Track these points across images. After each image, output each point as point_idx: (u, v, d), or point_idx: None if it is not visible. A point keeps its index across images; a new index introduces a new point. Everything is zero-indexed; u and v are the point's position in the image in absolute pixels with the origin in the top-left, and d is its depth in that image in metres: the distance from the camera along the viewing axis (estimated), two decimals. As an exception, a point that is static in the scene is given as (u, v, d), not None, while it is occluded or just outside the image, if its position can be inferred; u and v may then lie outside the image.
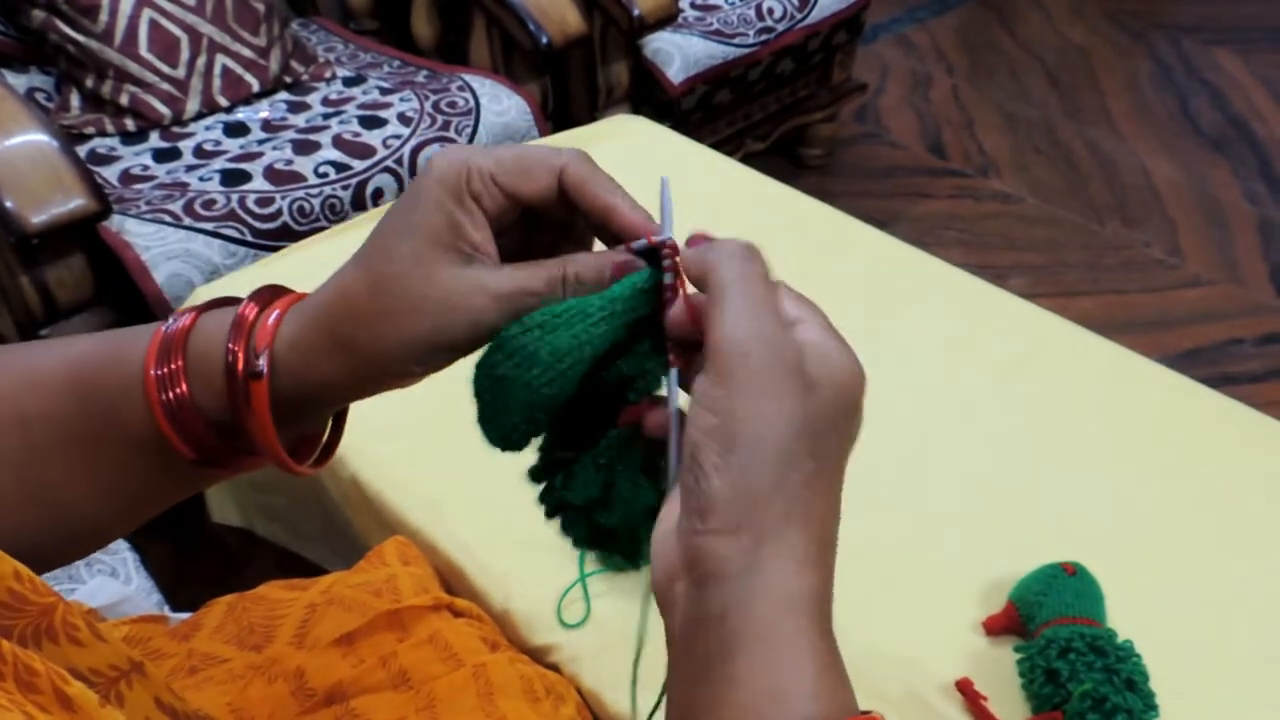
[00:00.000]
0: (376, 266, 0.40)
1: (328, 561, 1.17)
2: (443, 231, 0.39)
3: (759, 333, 0.34)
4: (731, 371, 0.34)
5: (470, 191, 0.39)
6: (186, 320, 0.42)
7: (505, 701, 0.69)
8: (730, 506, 0.34)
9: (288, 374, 0.41)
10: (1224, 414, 1.03)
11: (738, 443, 0.34)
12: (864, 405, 0.36)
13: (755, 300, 0.35)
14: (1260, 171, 2.53)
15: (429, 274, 0.39)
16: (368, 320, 0.39)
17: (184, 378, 0.40)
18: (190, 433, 0.41)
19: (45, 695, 0.31)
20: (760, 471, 0.34)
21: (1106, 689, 0.73)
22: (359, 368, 0.40)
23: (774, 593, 0.33)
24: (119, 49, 1.57)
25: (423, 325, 0.39)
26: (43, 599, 0.35)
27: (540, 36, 1.69)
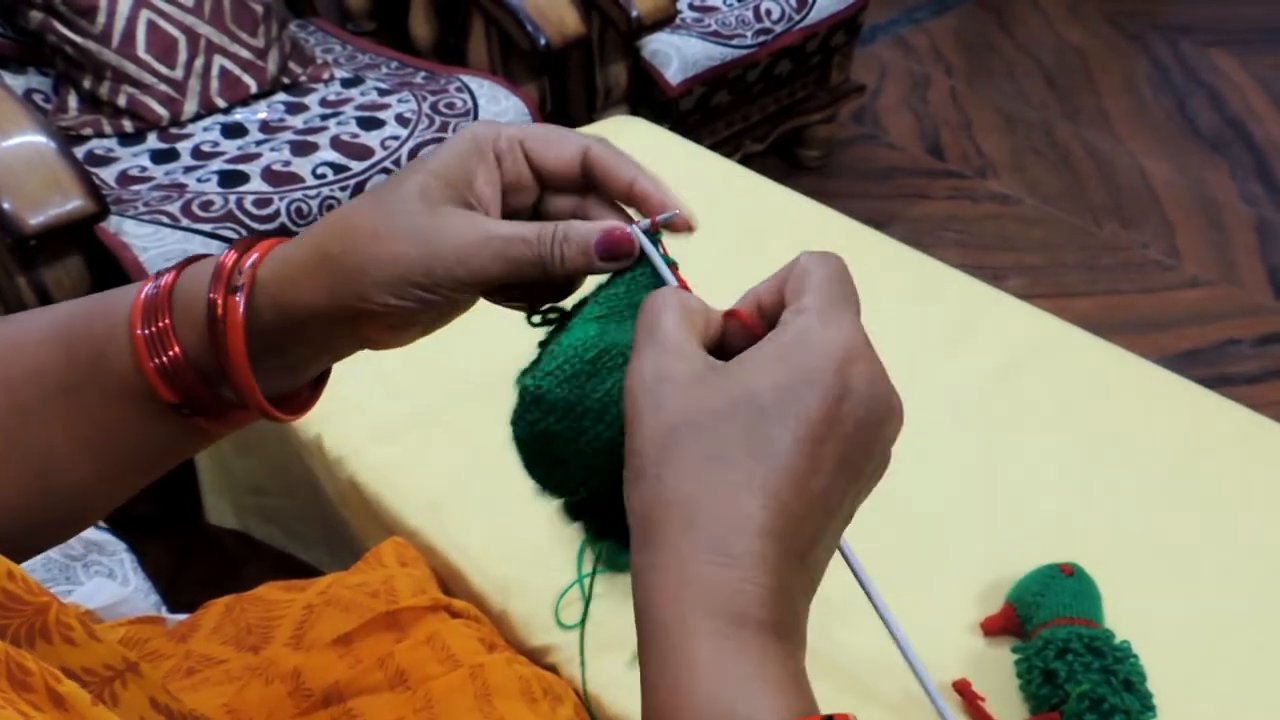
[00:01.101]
0: (382, 193, 0.40)
1: (325, 563, 1.17)
2: (455, 175, 0.40)
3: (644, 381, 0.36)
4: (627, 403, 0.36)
5: (495, 149, 0.41)
6: (169, 277, 0.42)
7: (503, 702, 0.69)
8: (632, 514, 0.35)
9: (267, 297, 0.40)
10: (1221, 415, 1.03)
11: (631, 448, 0.35)
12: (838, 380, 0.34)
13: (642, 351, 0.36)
14: (1258, 173, 2.53)
15: (429, 206, 0.39)
16: (356, 237, 0.39)
17: (174, 336, 0.40)
18: (175, 376, 0.41)
19: (38, 694, 0.31)
20: (643, 474, 0.34)
21: (1104, 689, 0.73)
22: (336, 287, 0.39)
23: (663, 594, 0.33)
24: (117, 50, 1.57)
25: (408, 248, 0.39)
26: (36, 598, 0.35)
27: (538, 37, 1.69)
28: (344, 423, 1.00)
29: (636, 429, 0.35)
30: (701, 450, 0.33)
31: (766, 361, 0.34)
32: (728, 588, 0.32)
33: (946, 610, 0.85)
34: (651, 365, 0.35)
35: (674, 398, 0.34)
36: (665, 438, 0.34)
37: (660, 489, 0.34)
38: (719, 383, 0.34)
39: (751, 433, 0.33)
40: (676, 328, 0.36)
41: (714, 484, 0.33)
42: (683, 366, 0.35)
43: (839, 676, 0.79)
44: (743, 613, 0.32)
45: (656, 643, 0.32)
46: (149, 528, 1.46)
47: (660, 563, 0.33)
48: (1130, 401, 1.05)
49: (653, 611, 0.33)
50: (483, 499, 0.93)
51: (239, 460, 1.21)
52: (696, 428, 0.34)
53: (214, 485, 1.25)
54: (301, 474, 1.07)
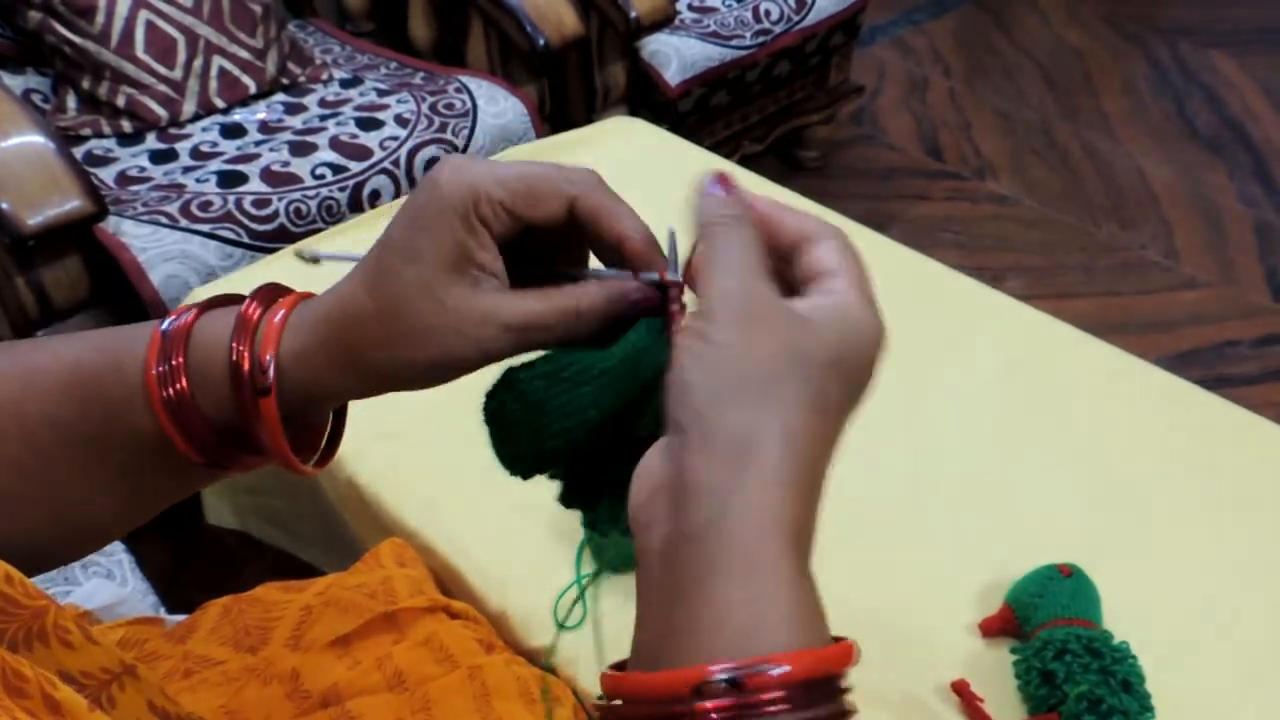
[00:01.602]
0: (383, 290, 0.39)
1: (324, 563, 1.17)
2: (451, 256, 0.39)
3: (741, 282, 0.36)
4: (714, 311, 0.35)
5: (479, 215, 0.39)
6: (188, 318, 0.41)
7: (501, 703, 0.69)
8: (711, 424, 0.34)
9: (293, 385, 0.41)
10: (1220, 416, 1.03)
11: (720, 364, 0.34)
12: (876, 366, 0.37)
13: (739, 254, 0.37)
14: (1256, 174, 2.53)
15: (437, 301, 0.39)
16: (375, 342, 0.40)
17: (184, 374, 0.40)
18: (191, 430, 0.41)
19: (34, 700, 0.31)
20: (742, 391, 0.34)
21: (1102, 690, 0.73)
22: (365, 382, 0.41)
23: (753, 514, 0.33)
24: (115, 50, 1.56)
25: (431, 352, 0.39)
26: (34, 602, 0.35)
27: (537, 38, 1.69)
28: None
29: (751, 339, 0.35)
30: (809, 390, 0.35)
31: (846, 330, 0.36)
32: (808, 529, 0.35)
33: (945, 611, 0.85)
34: (763, 286, 0.36)
35: (787, 329, 0.35)
36: (782, 366, 0.34)
37: (770, 413, 0.34)
38: (818, 331, 0.35)
39: (840, 390, 0.36)
40: (760, 255, 0.37)
41: (814, 427, 0.35)
42: (777, 298, 0.36)
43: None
44: (806, 550, 0.35)
45: (735, 562, 0.33)
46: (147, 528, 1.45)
47: (756, 486, 0.33)
48: (1129, 402, 1.05)
49: (738, 532, 0.33)
50: (481, 499, 0.93)
51: (237, 461, 1.21)
52: (807, 367, 0.35)
53: (213, 486, 1.25)
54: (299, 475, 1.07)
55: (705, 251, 0.37)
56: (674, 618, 0.33)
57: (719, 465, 0.33)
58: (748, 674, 0.30)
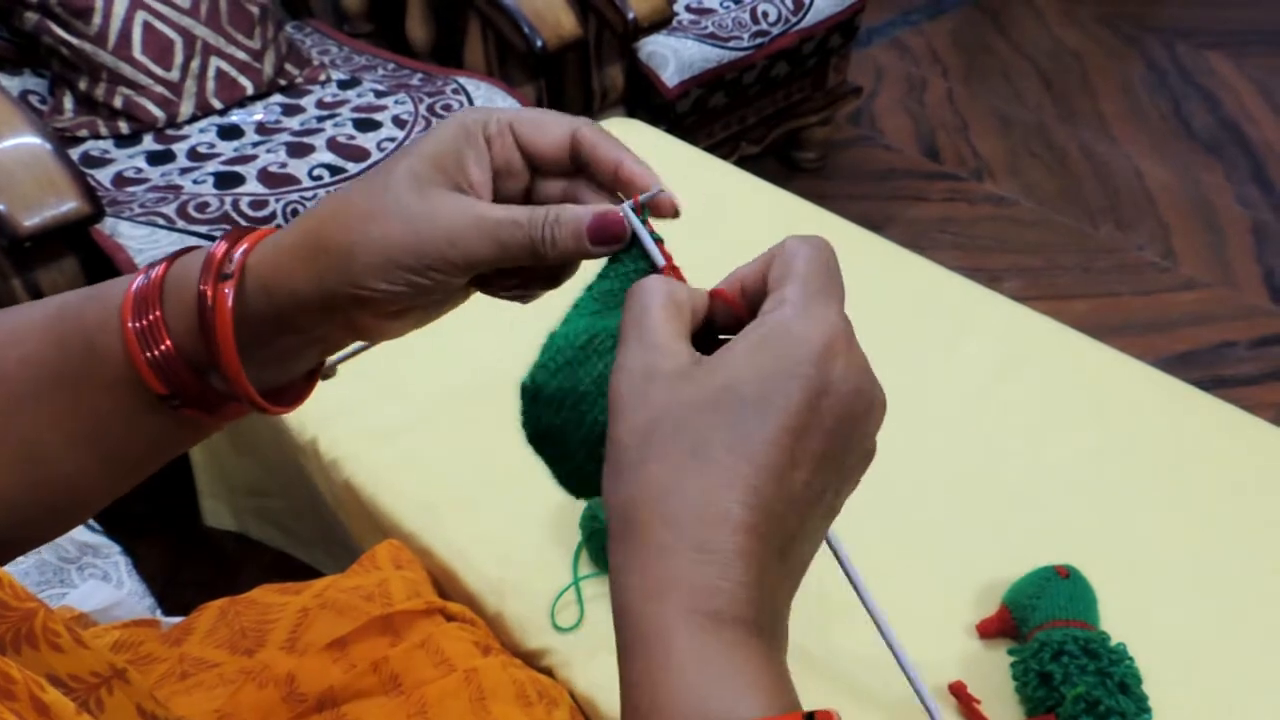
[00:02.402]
0: (373, 177, 0.40)
1: (322, 564, 1.17)
2: (446, 160, 0.40)
3: (621, 364, 0.36)
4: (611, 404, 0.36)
5: (485, 133, 0.40)
6: (160, 269, 0.41)
7: (498, 706, 0.69)
8: (609, 509, 0.34)
9: (257, 284, 0.40)
10: (1217, 417, 1.03)
11: (610, 448, 0.35)
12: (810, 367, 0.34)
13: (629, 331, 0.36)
14: (1253, 175, 2.54)
15: (420, 189, 0.39)
16: (346, 219, 0.39)
17: (164, 329, 0.40)
18: (171, 376, 0.40)
19: (21, 703, 0.31)
20: (621, 470, 0.34)
21: (1099, 692, 0.73)
22: (326, 273, 0.39)
23: (644, 590, 0.33)
24: (112, 51, 1.56)
25: (397, 229, 0.38)
26: (23, 604, 0.35)
27: (535, 39, 1.69)
28: (340, 425, 1.00)
29: (618, 422, 0.35)
30: (683, 444, 0.33)
31: (747, 354, 0.34)
32: (706, 585, 0.32)
33: (942, 612, 0.85)
34: (636, 360, 0.35)
35: (657, 392, 0.34)
36: (647, 431, 0.34)
37: (640, 484, 0.33)
38: (701, 376, 0.34)
39: (732, 427, 0.33)
40: (663, 323, 0.36)
41: (694, 479, 0.33)
42: (667, 362, 0.35)
43: (832, 677, 0.79)
44: (720, 610, 0.32)
45: (634, 639, 0.32)
46: (143, 530, 1.45)
47: (638, 558, 0.33)
48: (1126, 403, 1.05)
49: (630, 607, 0.33)
50: (479, 501, 0.93)
51: (235, 462, 1.21)
52: (678, 422, 0.33)
53: (210, 487, 1.25)
54: (298, 476, 1.07)
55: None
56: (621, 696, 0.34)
57: (617, 549, 0.34)
58: None
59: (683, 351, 0.35)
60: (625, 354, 0.36)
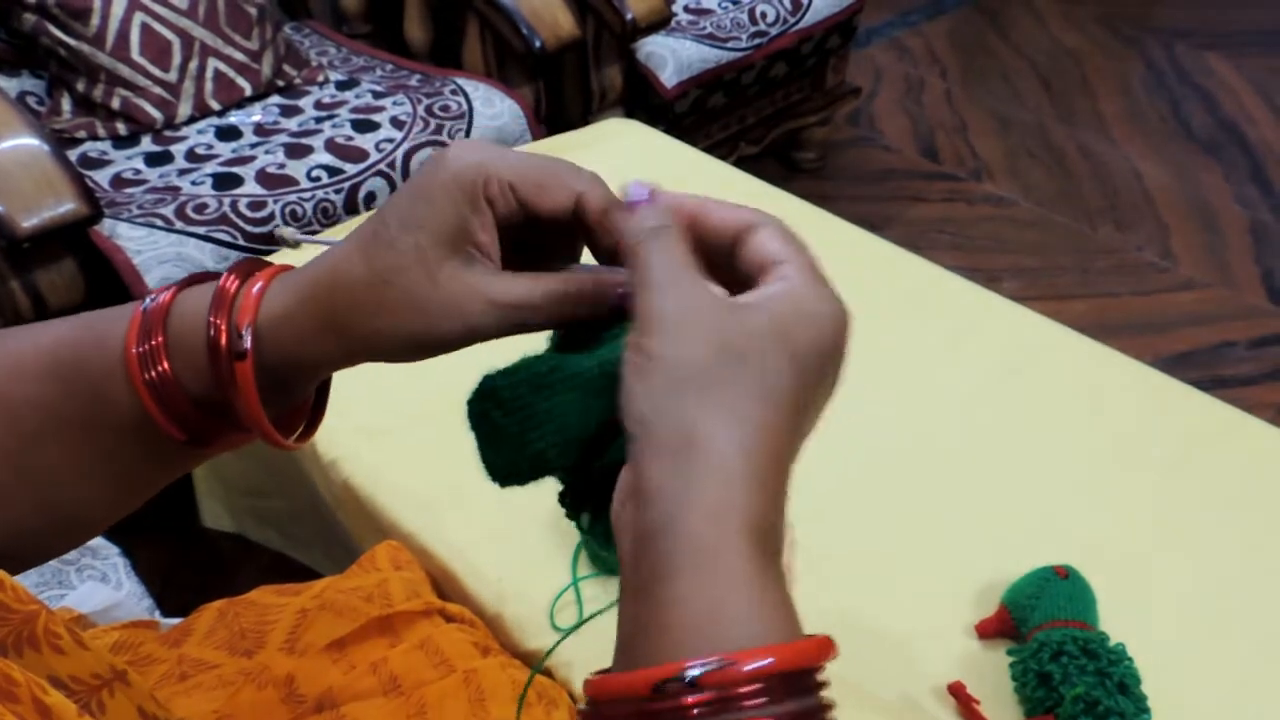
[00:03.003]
0: (377, 255, 0.39)
1: (320, 565, 1.17)
2: (451, 230, 0.39)
3: (667, 289, 0.36)
4: (644, 322, 0.35)
5: (486, 194, 0.39)
6: (166, 296, 0.41)
7: (497, 707, 0.69)
8: (654, 429, 0.34)
9: (273, 350, 0.40)
10: (1216, 417, 1.03)
11: (655, 372, 0.34)
12: (839, 349, 0.36)
13: (663, 262, 0.37)
14: (1252, 175, 2.54)
15: (430, 272, 0.39)
16: (363, 309, 0.39)
17: (165, 354, 0.40)
18: (175, 411, 0.40)
19: (24, 705, 0.31)
20: (679, 393, 0.34)
21: (1099, 692, 0.73)
22: (349, 349, 0.40)
23: (704, 509, 0.33)
24: (110, 53, 1.56)
25: (418, 324, 0.39)
26: (25, 607, 0.35)
27: (533, 40, 1.69)
28: (338, 425, 1.00)
29: (678, 341, 0.35)
30: (753, 379, 0.34)
31: (796, 314, 0.35)
32: (763, 516, 0.33)
33: (941, 613, 0.85)
34: (687, 291, 0.35)
35: (720, 324, 0.35)
36: (717, 361, 0.34)
37: (711, 409, 0.34)
38: (754, 312, 0.35)
39: (798, 375, 0.35)
40: (693, 268, 0.37)
41: (766, 416, 0.34)
42: (715, 294, 0.36)
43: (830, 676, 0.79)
44: (772, 544, 0.34)
45: (686, 554, 0.33)
46: (142, 531, 1.45)
47: (702, 478, 0.33)
48: (1125, 404, 1.05)
49: (686, 524, 0.33)
50: (478, 502, 0.93)
51: (234, 463, 1.21)
52: (745, 353, 0.34)
53: (209, 488, 1.25)
54: (296, 477, 1.07)
55: (633, 267, 0.37)
56: (640, 616, 0.33)
57: (667, 466, 0.34)
58: (710, 670, 0.30)
59: (718, 290, 0.36)
60: (665, 284, 0.36)
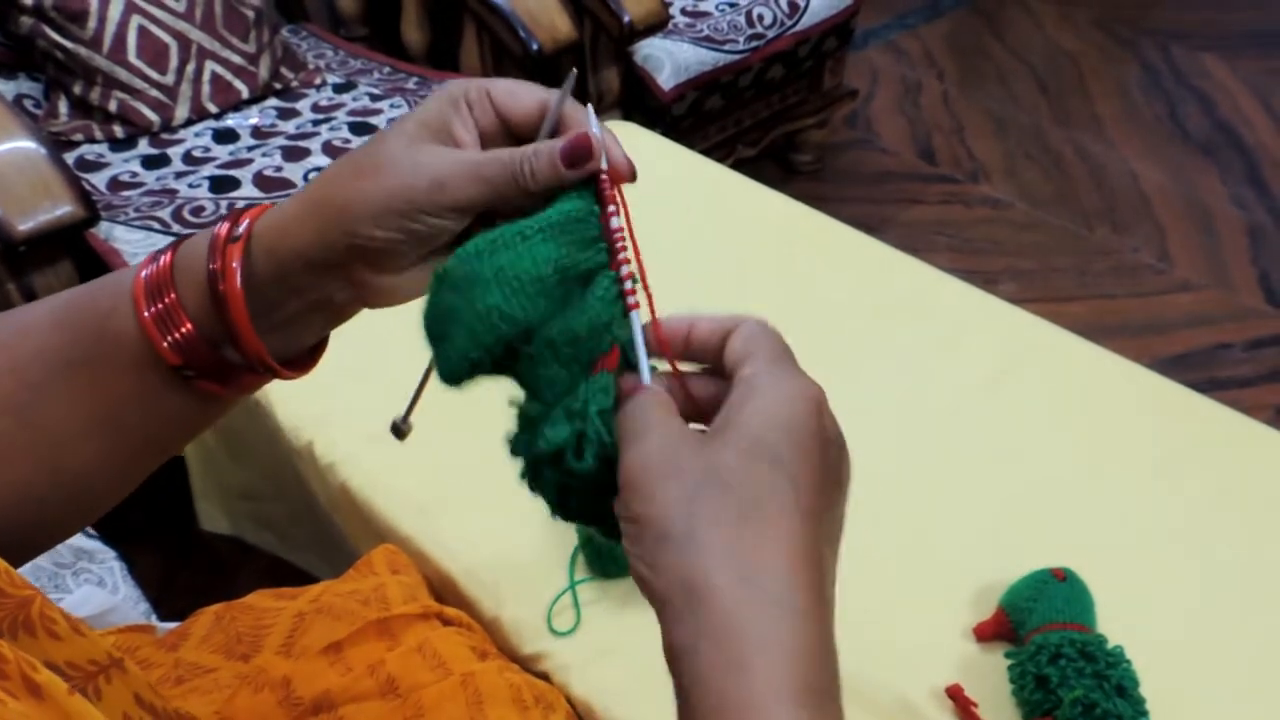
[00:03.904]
0: (369, 143, 0.44)
1: (317, 568, 1.16)
2: (434, 123, 0.43)
3: (636, 451, 0.37)
4: (624, 487, 0.36)
5: (466, 99, 0.44)
6: (167, 255, 0.44)
7: (494, 710, 0.69)
8: (657, 584, 0.35)
9: (261, 249, 0.43)
10: (1213, 419, 1.03)
11: (643, 534, 0.35)
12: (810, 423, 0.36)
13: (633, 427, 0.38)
14: (1248, 177, 2.54)
15: (410, 145, 0.43)
16: (342, 178, 0.43)
17: (182, 310, 0.42)
18: (189, 354, 0.43)
19: (13, 682, 0.32)
20: (667, 543, 0.34)
21: (1096, 695, 0.73)
22: (324, 227, 0.42)
23: (719, 661, 0.33)
24: (108, 55, 1.56)
25: (391, 181, 0.42)
26: (19, 591, 0.35)
27: (530, 43, 1.69)
28: (335, 429, 1.00)
29: (646, 500, 0.35)
30: (732, 507, 0.34)
31: (758, 414, 0.36)
32: (796, 641, 0.33)
33: (940, 615, 0.85)
34: (656, 442, 0.36)
35: (688, 461, 0.35)
36: (689, 499, 0.34)
37: (697, 548, 0.34)
38: (725, 441, 0.36)
39: (773, 483, 0.35)
40: (667, 417, 0.38)
41: (757, 535, 0.34)
42: (688, 438, 0.37)
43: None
44: (809, 681, 0.33)
45: (718, 714, 0.32)
46: (139, 535, 1.45)
47: (716, 630, 0.33)
48: (1122, 406, 1.05)
49: (717, 685, 0.32)
50: (475, 505, 0.92)
51: (231, 466, 1.21)
52: (723, 485, 0.35)
53: (206, 491, 1.25)
54: (294, 480, 1.07)
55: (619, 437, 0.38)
56: None
57: (680, 625, 0.34)
58: None
59: (684, 431, 0.37)
60: (638, 443, 0.37)
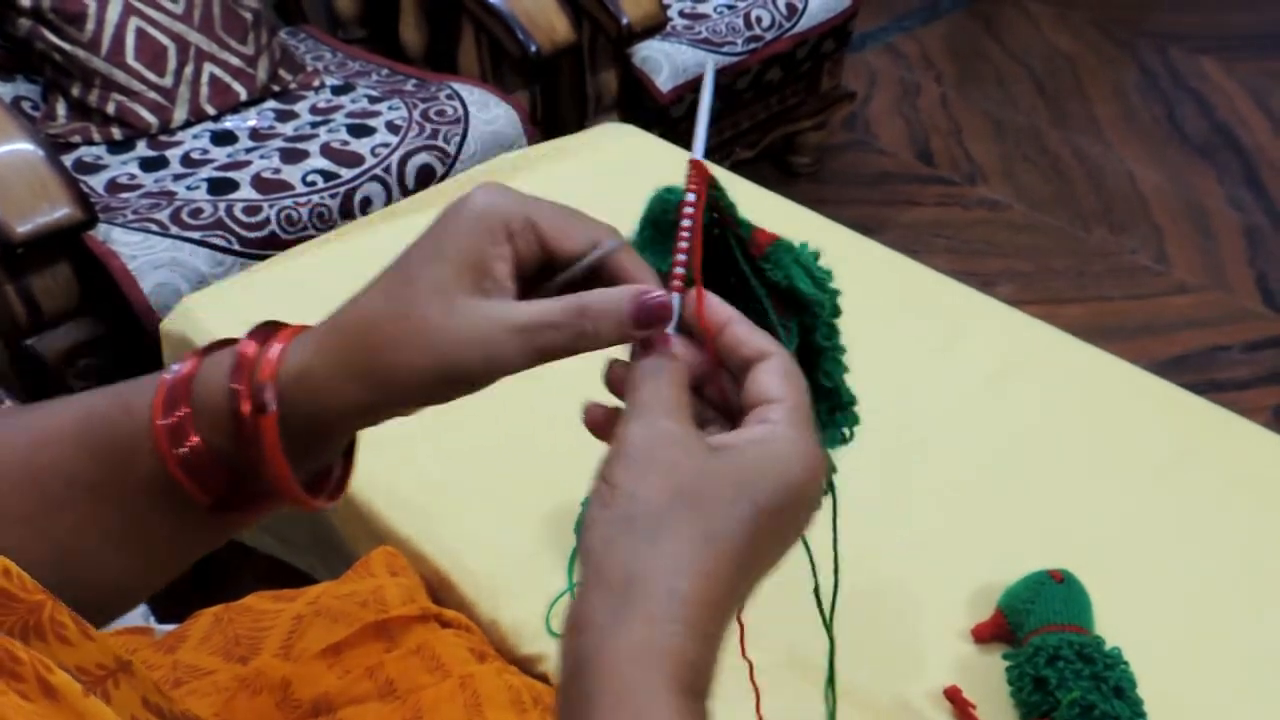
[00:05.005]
0: (397, 291, 0.40)
1: (316, 570, 1.16)
2: (471, 261, 0.39)
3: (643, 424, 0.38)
4: (616, 453, 0.37)
5: (508, 231, 0.40)
6: (189, 366, 0.41)
7: (493, 712, 0.69)
8: (600, 563, 0.35)
9: (296, 406, 0.40)
10: (1211, 420, 1.03)
11: (613, 504, 0.36)
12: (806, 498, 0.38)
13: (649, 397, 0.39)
14: (1245, 178, 2.54)
15: (449, 303, 0.39)
16: (382, 346, 0.40)
17: (192, 425, 0.40)
18: (205, 478, 0.41)
19: (29, 683, 0.32)
20: (629, 531, 0.35)
21: (1094, 696, 0.73)
22: (372, 396, 0.40)
23: (629, 649, 0.34)
24: (106, 57, 1.56)
25: (436, 359, 0.39)
26: (31, 596, 0.36)
27: (529, 44, 1.69)
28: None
29: (642, 479, 0.36)
30: (698, 526, 0.35)
31: (768, 462, 0.37)
32: (693, 661, 0.34)
33: (937, 616, 0.85)
34: (666, 427, 0.37)
35: (679, 459, 0.36)
36: (667, 502, 0.36)
37: (655, 554, 0.35)
38: (719, 462, 0.37)
39: (750, 521, 0.36)
40: (677, 403, 0.38)
41: (707, 564, 0.35)
42: (687, 438, 0.37)
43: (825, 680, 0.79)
44: (699, 687, 0.35)
45: (611, 695, 0.33)
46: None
47: (632, 620, 0.34)
48: (1120, 407, 1.05)
49: (613, 665, 0.34)
50: (473, 507, 0.92)
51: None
52: (697, 501, 0.36)
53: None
54: (291, 482, 1.07)
55: (626, 397, 0.39)
56: None
57: (604, 601, 0.35)
58: None
59: (694, 432, 0.38)
60: (649, 417, 0.38)
